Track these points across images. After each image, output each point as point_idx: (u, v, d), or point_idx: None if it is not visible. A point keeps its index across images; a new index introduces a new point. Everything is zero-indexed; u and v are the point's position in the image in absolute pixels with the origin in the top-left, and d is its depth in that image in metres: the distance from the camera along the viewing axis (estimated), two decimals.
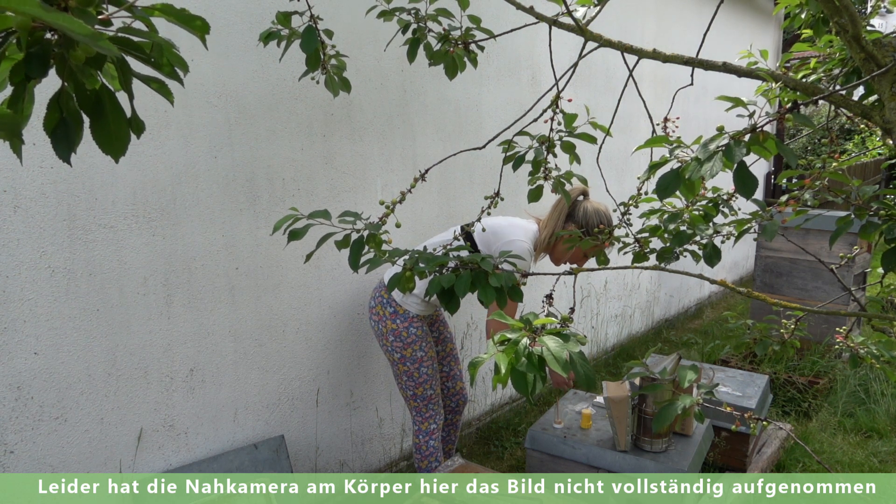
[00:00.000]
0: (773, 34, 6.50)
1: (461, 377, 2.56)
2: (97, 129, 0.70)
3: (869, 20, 1.56)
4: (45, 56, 0.62)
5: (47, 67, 0.63)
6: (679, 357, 2.22)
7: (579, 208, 2.19)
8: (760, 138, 0.96)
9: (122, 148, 0.72)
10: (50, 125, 0.69)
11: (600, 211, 2.17)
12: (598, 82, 3.79)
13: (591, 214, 2.16)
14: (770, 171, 6.96)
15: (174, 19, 0.72)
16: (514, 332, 0.97)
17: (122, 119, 0.71)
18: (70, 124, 0.69)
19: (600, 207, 2.18)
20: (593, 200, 2.22)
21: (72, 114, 0.69)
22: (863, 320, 4.15)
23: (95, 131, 0.71)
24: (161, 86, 0.76)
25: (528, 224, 2.25)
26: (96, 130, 0.70)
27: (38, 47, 0.62)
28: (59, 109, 0.69)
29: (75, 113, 0.69)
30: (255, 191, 2.13)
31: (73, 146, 0.71)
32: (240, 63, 2.03)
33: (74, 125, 0.70)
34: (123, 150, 0.73)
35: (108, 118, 0.70)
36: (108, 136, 0.71)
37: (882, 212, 1.30)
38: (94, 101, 0.69)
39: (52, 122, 0.69)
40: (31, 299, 1.67)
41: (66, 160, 0.71)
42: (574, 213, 2.19)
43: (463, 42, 1.66)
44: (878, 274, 1.49)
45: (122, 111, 0.71)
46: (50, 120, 0.69)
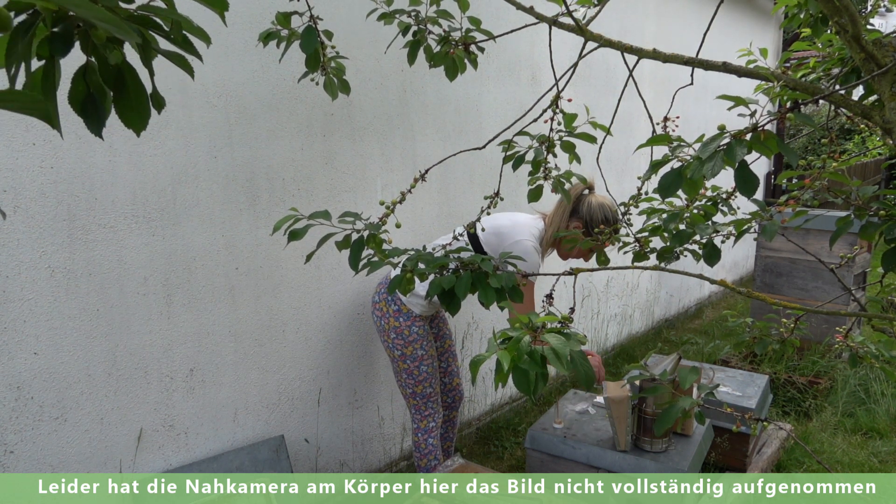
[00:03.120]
0: (773, 34, 6.50)
1: (458, 374, 2.58)
2: (120, 103, 0.73)
3: (868, 20, 1.56)
4: (69, 34, 0.64)
5: (71, 45, 0.65)
6: (679, 357, 2.22)
7: (584, 202, 2.18)
8: (761, 137, 0.96)
9: (144, 122, 0.75)
10: (77, 99, 0.71)
11: (605, 205, 2.17)
12: (598, 82, 3.79)
13: (595, 209, 2.16)
14: (770, 171, 6.96)
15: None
16: (516, 331, 0.97)
17: (143, 93, 0.73)
18: (97, 99, 0.72)
19: (605, 202, 2.18)
20: (598, 195, 2.22)
21: (97, 88, 0.71)
22: (863, 320, 4.15)
23: (118, 105, 0.73)
24: (181, 60, 0.78)
25: (534, 221, 2.25)
26: (119, 105, 0.73)
27: (63, 26, 0.64)
28: (84, 84, 0.71)
29: (100, 87, 0.71)
30: (255, 191, 2.13)
31: (103, 119, 0.73)
32: (240, 63, 2.03)
33: (101, 99, 0.72)
34: (144, 124, 0.75)
35: (130, 92, 0.72)
36: (130, 110, 0.73)
37: (882, 212, 1.30)
38: (116, 76, 0.71)
39: (80, 96, 0.71)
40: (31, 299, 1.67)
41: (97, 134, 0.73)
42: (579, 208, 2.19)
43: (463, 43, 1.66)
44: (878, 274, 1.49)
45: (142, 86, 0.73)
46: (76, 94, 0.71)
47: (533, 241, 2.16)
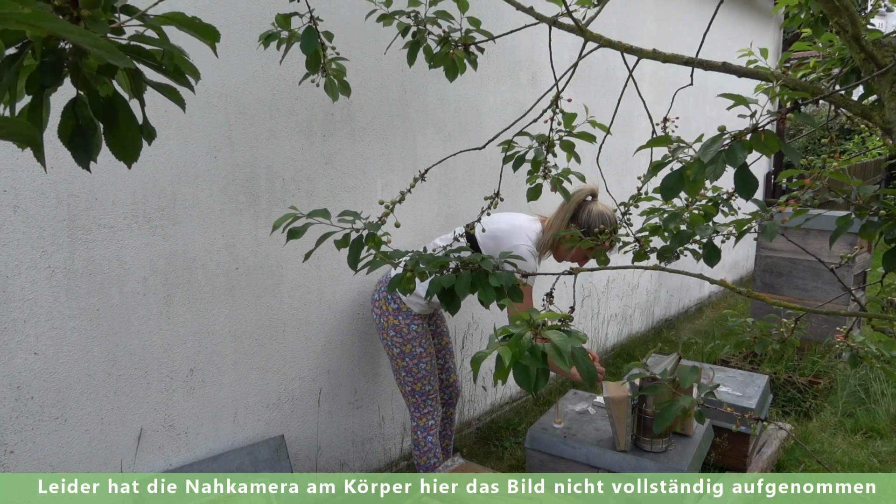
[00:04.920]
0: (773, 34, 6.50)
1: (455, 370, 2.59)
2: (111, 135, 0.72)
3: (869, 20, 1.57)
4: (59, 65, 0.64)
5: (61, 76, 0.64)
6: (679, 357, 2.22)
7: (585, 209, 2.18)
8: (762, 137, 0.96)
9: (135, 154, 0.74)
10: (66, 133, 0.71)
11: (604, 214, 2.16)
12: (598, 82, 3.79)
13: (594, 217, 2.15)
14: (770, 171, 6.96)
15: (186, 28, 0.73)
16: (517, 328, 0.97)
17: (134, 125, 0.72)
18: (87, 132, 0.71)
19: (605, 211, 2.17)
20: (600, 203, 2.21)
21: (87, 121, 0.70)
22: (863, 320, 4.15)
23: (109, 138, 0.72)
24: (173, 92, 0.77)
25: (531, 224, 2.25)
26: (110, 137, 0.72)
27: (52, 56, 0.63)
28: (74, 117, 0.70)
29: (90, 120, 0.70)
30: (255, 191, 2.13)
31: (91, 153, 0.72)
32: (240, 63, 2.03)
33: (90, 132, 0.71)
34: (136, 156, 0.74)
35: (121, 125, 0.71)
36: (121, 143, 0.72)
37: (882, 211, 1.30)
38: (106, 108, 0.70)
39: (69, 129, 0.70)
40: (31, 299, 1.67)
41: (85, 167, 0.72)
42: (578, 215, 2.18)
43: (463, 44, 1.66)
44: (878, 274, 1.49)
45: (134, 118, 0.72)
46: (65, 128, 0.70)
47: (529, 245, 2.16)
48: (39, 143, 0.57)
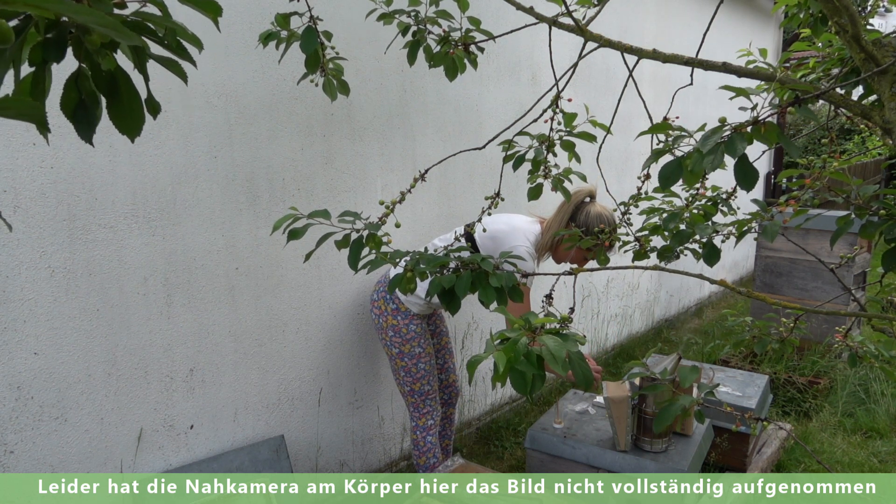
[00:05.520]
0: (773, 34, 6.50)
1: (454, 370, 2.59)
2: (113, 109, 0.72)
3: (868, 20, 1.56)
4: (63, 41, 0.64)
5: (65, 50, 0.65)
6: (679, 357, 2.22)
7: (583, 210, 2.18)
8: (762, 130, 0.96)
9: (138, 128, 0.74)
10: (69, 106, 0.71)
11: (603, 215, 2.16)
12: (598, 82, 3.79)
13: (592, 218, 2.15)
14: (770, 171, 6.96)
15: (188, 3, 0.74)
16: (513, 331, 0.97)
17: (136, 99, 0.72)
18: (89, 105, 0.71)
19: (604, 212, 2.17)
20: (598, 204, 2.21)
21: (89, 94, 0.71)
22: (863, 320, 4.15)
23: (112, 111, 0.72)
24: (174, 66, 0.77)
25: (530, 225, 2.25)
26: (112, 110, 0.72)
27: (56, 31, 0.63)
28: (76, 90, 0.70)
29: (92, 93, 0.71)
30: (255, 191, 2.13)
31: (94, 126, 0.72)
32: (240, 63, 2.03)
33: (93, 106, 0.71)
34: (139, 129, 0.74)
35: (123, 98, 0.72)
36: (123, 116, 0.72)
37: (882, 211, 1.30)
38: (109, 82, 0.70)
39: (71, 102, 0.71)
40: (31, 299, 1.67)
41: (88, 140, 0.72)
42: (577, 216, 2.18)
43: (463, 44, 1.66)
44: (877, 274, 1.49)
45: (136, 91, 0.72)
46: (68, 101, 0.71)
47: (528, 246, 2.16)
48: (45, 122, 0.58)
